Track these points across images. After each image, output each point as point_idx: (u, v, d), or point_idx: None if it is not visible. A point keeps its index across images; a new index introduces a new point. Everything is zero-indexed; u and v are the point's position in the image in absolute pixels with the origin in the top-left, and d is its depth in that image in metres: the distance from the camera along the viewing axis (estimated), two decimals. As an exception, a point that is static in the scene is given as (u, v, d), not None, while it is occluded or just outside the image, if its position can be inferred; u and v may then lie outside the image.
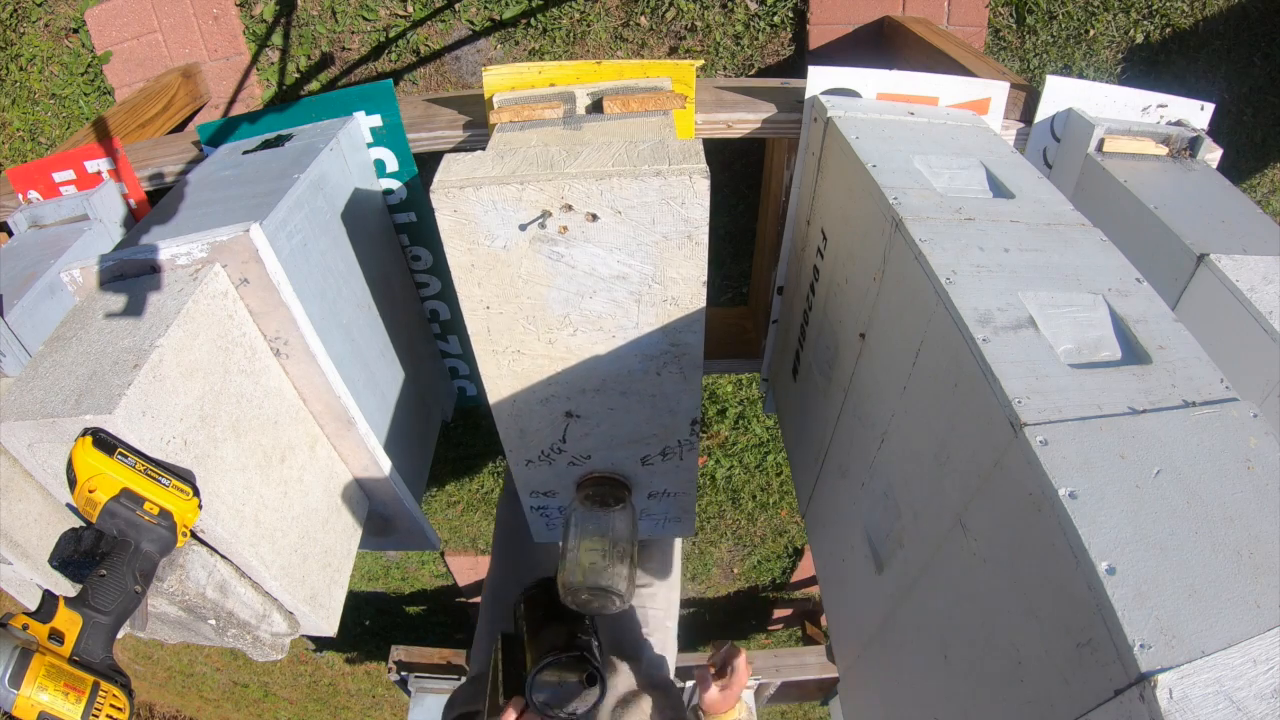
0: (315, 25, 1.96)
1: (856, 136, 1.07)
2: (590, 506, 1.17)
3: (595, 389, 1.05)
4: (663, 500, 1.28)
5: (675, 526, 1.36)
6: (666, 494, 1.26)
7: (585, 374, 1.03)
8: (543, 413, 1.09)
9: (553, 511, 1.30)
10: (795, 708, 4.58)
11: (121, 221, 1.30)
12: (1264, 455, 0.65)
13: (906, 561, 0.90)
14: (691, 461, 1.19)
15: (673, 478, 1.22)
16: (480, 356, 1.01)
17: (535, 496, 1.26)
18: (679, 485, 1.25)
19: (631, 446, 1.15)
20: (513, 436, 1.13)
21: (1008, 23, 1.99)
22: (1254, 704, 0.51)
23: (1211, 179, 1.20)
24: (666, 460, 1.18)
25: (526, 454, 1.16)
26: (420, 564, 3.96)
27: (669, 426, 1.12)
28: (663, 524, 1.35)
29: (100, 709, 0.70)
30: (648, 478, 1.22)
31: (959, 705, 0.77)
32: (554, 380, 1.04)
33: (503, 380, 1.04)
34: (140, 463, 0.79)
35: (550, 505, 1.29)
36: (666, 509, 1.31)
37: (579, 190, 0.84)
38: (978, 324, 0.74)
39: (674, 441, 1.15)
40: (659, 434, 1.13)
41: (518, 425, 1.11)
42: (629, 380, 1.04)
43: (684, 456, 1.18)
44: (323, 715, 5.56)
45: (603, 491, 1.19)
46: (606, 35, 1.98)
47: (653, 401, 1.07)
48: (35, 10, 1.94)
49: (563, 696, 1.04)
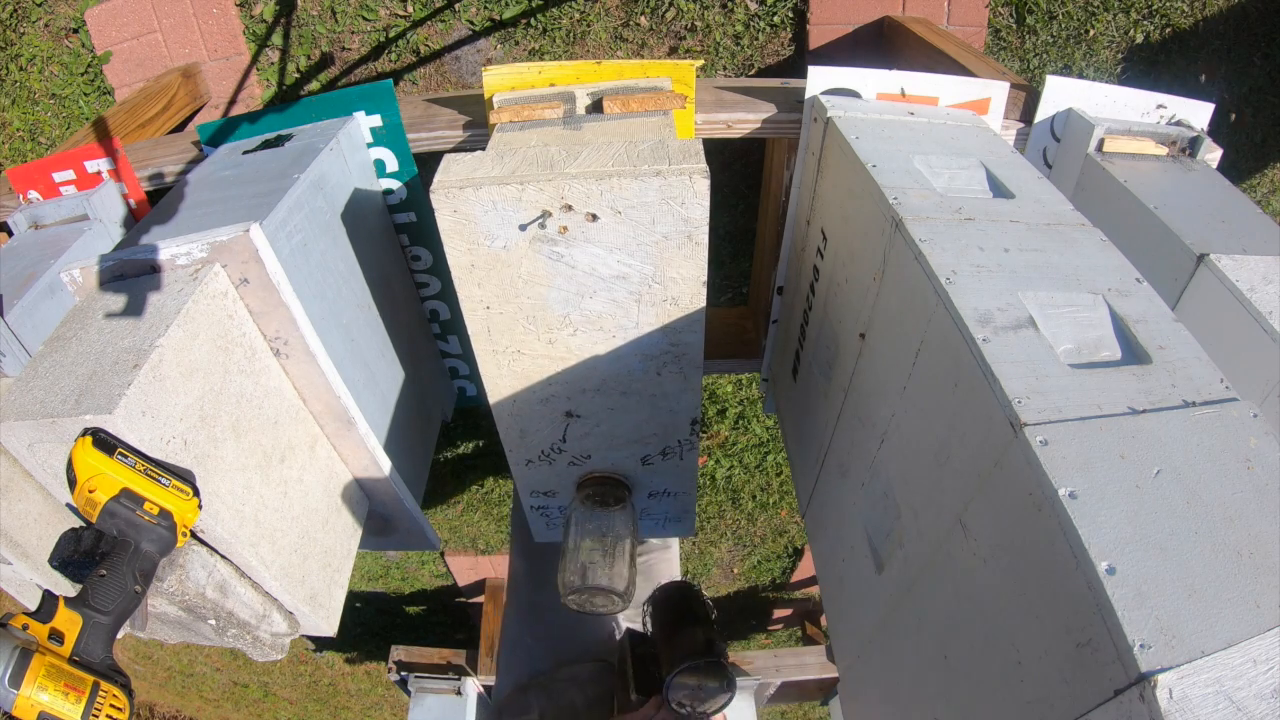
0: (315, 25, 1.96)
1: (856, 136, 1.07)
2: (590, 506, 1.18)
3: (595, 389, 1.05)
4: (663, 500, 1.28)
5: (675, 527, 1.36)
6: (667, 493, 1.26)
7: (585, 374, 1.03)
8: (543, 412, 1.09)
9: (553, 511, 1.30)
10: (795, 708, 4.58)
11: (121, 221, 1.30)
12: (1264, 455, 0.65)
13: (906, 561, 0.90)
14: (691, 461, 1.19)
15: (673, 477, 1.22)
16: (480, 356, 1.01)
17: (535, 496, 1.26)
18: (679, 485, 1.25)
19: (631, 446, 1.15)
20: (513, 436, 1.13)
21: (1008, 23, 1.99)
22: (1254, 704, 0.51)
23: (1211, 179, 1.20)
24: (667, 460, 1.18)
25: (527, 454, 1.16)
26: (420, 564, 3.96)
27: (669, 426, 1.12)
28: (663, 524, 1.35)
29: (100, 709, 0.70)
30: (648, 477, 1.22)
31: (959, 705, 0.77)
32: (554, 380, 1.04)
33: (503, 380, 1.04)
34: (140, 463, 0.79)
35: (550, 505, 1.29)
36: (667, 509, 1.31)
37: (579, 190, 0.84)
38: (978, 324, 0.74)
39: (674, 441, 1.15)
40: (659, 434, 1.13)
41: (518, 425, 1.11)
42: (629, 380, 1.04)
43: (684, 456, 1.18)
44: (323, 715, 5.56)
45: (603, 491, 1.20)
46: (606, 35, 1.98)
47: (653, 401, 1.07)
48: (35, 10, 1.94)
49: (698, 697, 1.07)
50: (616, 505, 1.18)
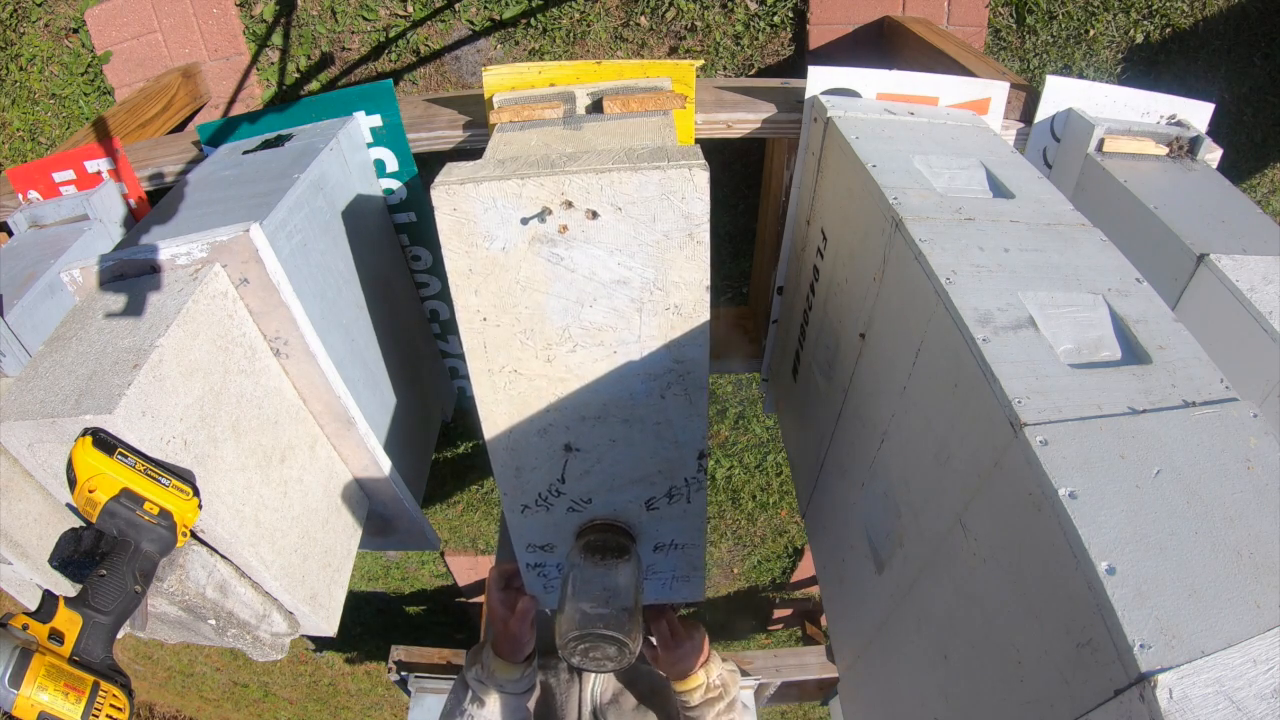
0: (315, 25, 1.96)
1: (856, 136, 1.07)
2: (591, 558, 1.06)
3: (596, 416, 0.99)
4: (670, 554, 1.17)
5: (683, 587, 1.23)
6: (674, 546, 1.16)
7: (585, 399, 0.97)
8: (540, 445, 1.02)
9: (550, 570, 1.19)
10: (795, 708, 4.58)
11: (121, 221, 1.30)
12: (1264, 455, 0.65)
13: (906, 561, 0.90)
14: (700, 506, 1.10)
15: (680, 525, 1.12)
16: (476, 378, 0.95)
17: (532, 551, 1.16)
18: (687, 535, 1.14)
19: (635, 487, 1.07)
20: (508, 475, 1.04)
21: (1008, 23, 1.99)
22: (1254, 704, 0.51)
23: (1211, 179, 1.20)
24: (673, 504, 1.09)
25: (523, 498, 1.07)
26: (420, 564, 3.96)
27: (674, 461, 1.04)
28: (670, 584, 1.22)
29: (100, 709, 0.70)
30: (653, 526, 1.12)
31: (959, 705, 0.77)
32: (553, 407, 0.98)
33: (499, 407, 0.98)
34: (140, 463, 0.79)
35: (548, 563, 1.18)
36: (674, 565, 1.19)
37: (579, 185, 0.84)
38: (978, 324, 0.74)
39: (680, 480, 1.06)
40: (664, 470, 1.05)
41: (514, 461, 1.03)
42: (631, 405, 0.98)
43: (691, 499, 1.08)
44: (323, 715, 5.56)
45: (604, 539, 1.08)
46: (606, 35, 1.97)
47: (657, 430, 1.00)
48: (35, 10, 1.94)
49: None
50: (620, 557, 1.06)
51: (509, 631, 1.10)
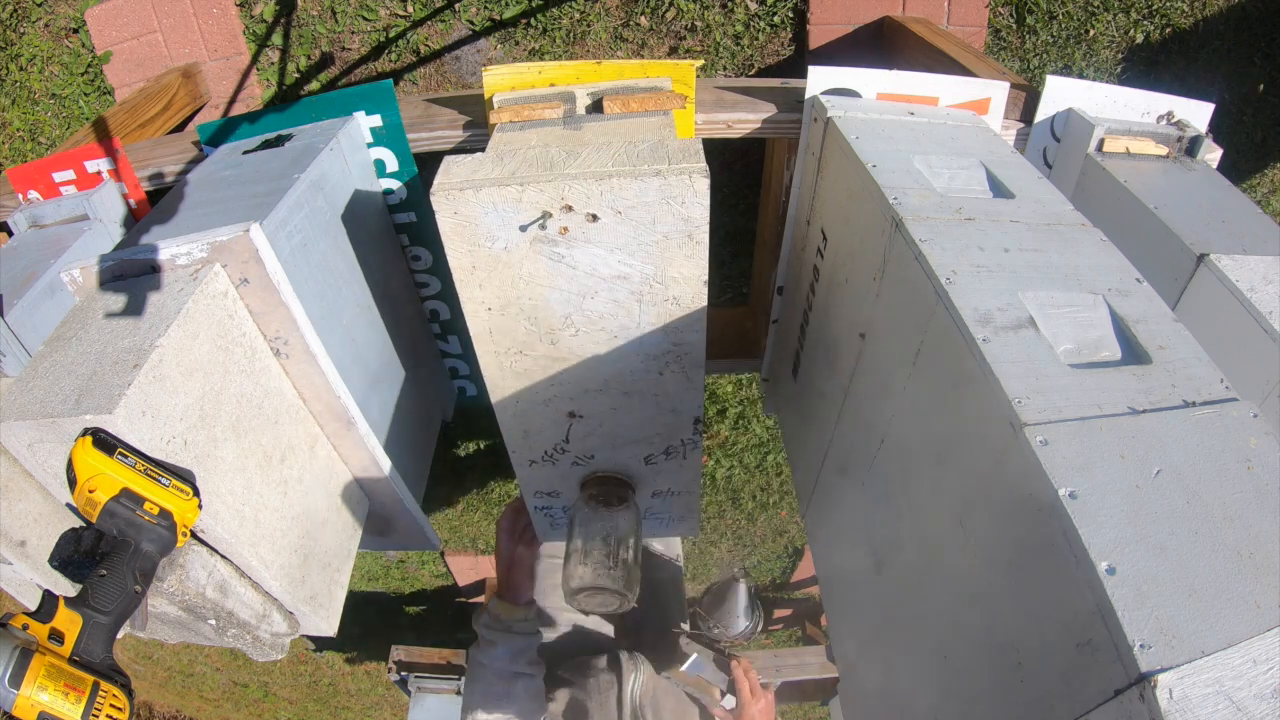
0: (315, 25, 1.96)
1: (856, 136, 1.07)
2: (594, 505, 1.18)
3: (598, 389, 1.05)
4: (667, 499, 1.28)
5: (680, 526, 1.35)
6: (671, 493, 1.26)
7: (588, 374, 1.03)
8: (546, 413, 1.09)
9: (557, 511, 1.30)
10: (795, 708, 4.58)
11: (121, 221, 1.30)
12: (1264, 455, 0.65)
13: (906, 561, 0.90)
14: (695, 460, 1.19)
15: (677, 476, 1.22)
16: (483, 357, 1.01)
17: (539, 497, 1.26)
18: (683, 484, 1.24)
19: (635, 446, 1.15)
20: (516, 437, 1.13)
21: (1008, 23, 1.99)
22: (1254, 704, 0.51)
23: (1211, 179, 1.20)
24: (670, 459, 1.18)
25: (530, 455, 1.16)
26: (420, 564, 3.96)
27: (672, 425, 1.12)
28: (667, 524, 1.34)
29: (100, 709, 0.70)
30: (652, 476, 1.22)
31: (959, 705, 0.77)
32: (556, 381, 1.04)
33: (505, 381, 1.04)
34: (140, 463, 0.79)
35: (554, 505, 1.29)
36: (671, 508, 1.30)
37: (579, 190, 0.84)
38: (978, 324, 0.74)
39: (677, 440, 1.14)
40: (662, 433, 1.13)
41: (521, 426, 1.11)
42: (631, 380, 1.04)
43: (687, 455, 1.17)
44: (323, 715, 5.56)
45: (606, 490, 1.19)
46: (606, 35, 1.97)
47: (655, 401, 1.07)
48: (35, 10, 1.94)
49: None
50: (620, 504, 1.19)
51: (511, 580, 1.27)
